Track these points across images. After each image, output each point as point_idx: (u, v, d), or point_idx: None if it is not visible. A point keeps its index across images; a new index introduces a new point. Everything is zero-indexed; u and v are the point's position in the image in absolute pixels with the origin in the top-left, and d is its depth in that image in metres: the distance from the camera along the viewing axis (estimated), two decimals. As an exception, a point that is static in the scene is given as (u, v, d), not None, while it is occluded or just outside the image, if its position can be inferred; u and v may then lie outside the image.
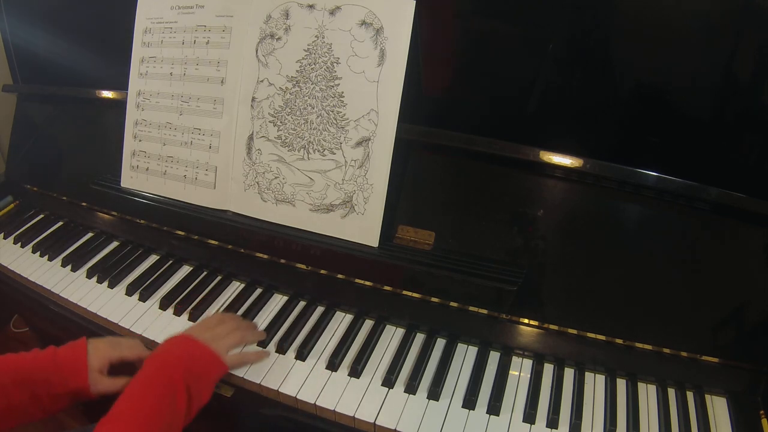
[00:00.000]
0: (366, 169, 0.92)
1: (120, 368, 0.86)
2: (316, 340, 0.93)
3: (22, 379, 0.78)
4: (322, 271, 1.00)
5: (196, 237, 1.11)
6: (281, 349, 0.91)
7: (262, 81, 0.98)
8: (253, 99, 0.99)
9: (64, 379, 0.80)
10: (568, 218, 0.88)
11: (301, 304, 1.02)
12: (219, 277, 1.08)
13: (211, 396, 0.80)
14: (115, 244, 1.20)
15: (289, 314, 0.99)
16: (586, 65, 0.86)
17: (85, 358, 0.83)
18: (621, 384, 0.86)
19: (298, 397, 0.84)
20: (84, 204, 1.26)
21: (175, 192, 1.09)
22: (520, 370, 0.89)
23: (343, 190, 0.94)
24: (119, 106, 1.15)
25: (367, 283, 0.97)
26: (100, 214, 1.24)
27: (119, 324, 0.99)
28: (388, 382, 0.85)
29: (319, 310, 1.00)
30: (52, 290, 1.08)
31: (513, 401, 0.83)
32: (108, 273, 1.09)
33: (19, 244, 1.22)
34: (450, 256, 0.91)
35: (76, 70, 1.28)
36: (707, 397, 0.85)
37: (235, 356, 0.86)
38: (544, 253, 0.89)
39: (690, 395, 0.85)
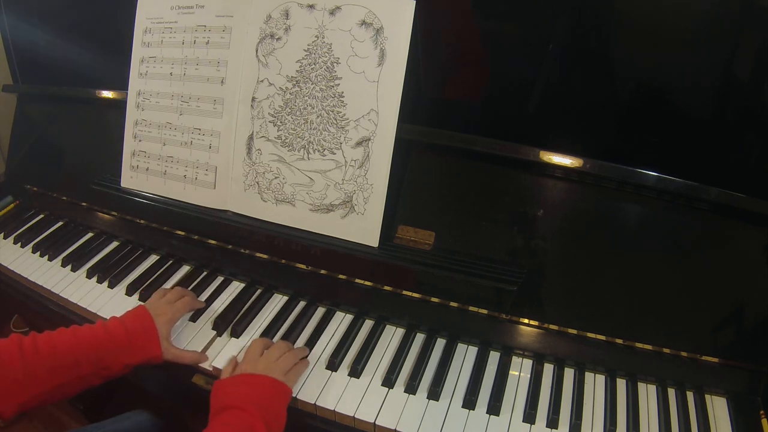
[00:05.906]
0: (366, 169, 0.92)
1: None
2: (316, 341, 0.93)
3: (96, 356, 0.81)
4: (322, 271, 1.00)
5: (196, 237, 1.11)
6: (281, 349, 0.91)
7: (262, 81, 0.98)
8: (253, 99, 0.99)
9: (136, 351, 0.85)
10: (568, 218, 0.88)
11: (301, 304, 1.02)
12: (219, 277, 1.08)
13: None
14: (115, 244, 1.20)
15: (289, 314, 0.99)
16: (587, 65, 0.86)
17: (155, 330, 0.87)
18: (621, 384, 0.86)
19: (298, 397, 0.84)
20: (84, 204, 1.26)
21: (175, 192, 1.09)
22: (520, 370, 0.89)
23: (343, 190, 0.94)
24: (119, 106, 1.15)
25: (367, 283, 0.97)
26: (100, 214, 1.24)
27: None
28: (388, 382, 0.85)
29: (320, 310, 1.00)
30: (52, 290, 1.08)
31: (513, 401, 0.83)
32: (108, 273, 1.09)
33: (19, 244, 1.22)
34: (450, 256, 0.91)
35: (77, 70, 1.28)
36: (707, 397, 0.85)
37: (291, 374, 0.82)
38: (545, 253, 0.89)
39: (690, 395, 0.85)
